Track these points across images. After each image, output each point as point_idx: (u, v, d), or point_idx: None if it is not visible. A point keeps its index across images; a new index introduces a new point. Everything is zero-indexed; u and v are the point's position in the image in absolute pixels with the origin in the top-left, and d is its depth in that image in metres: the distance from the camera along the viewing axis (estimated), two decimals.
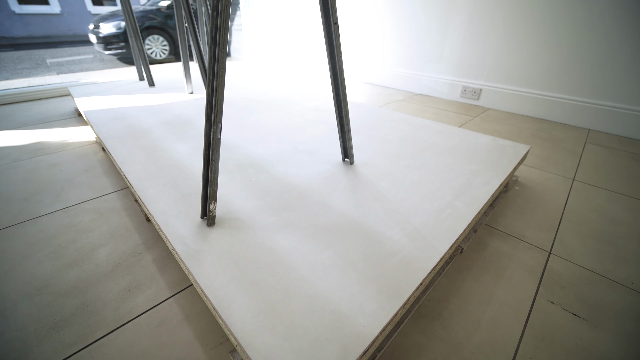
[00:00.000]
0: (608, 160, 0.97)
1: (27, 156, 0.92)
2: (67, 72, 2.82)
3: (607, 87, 1.18)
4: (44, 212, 0.66)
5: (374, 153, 0.72)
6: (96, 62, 3.42)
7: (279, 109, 1.03)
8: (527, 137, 1.13)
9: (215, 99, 0.38)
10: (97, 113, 0.98)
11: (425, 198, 0.54)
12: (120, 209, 0.67)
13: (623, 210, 0.71)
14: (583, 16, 1.15)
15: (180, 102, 1.11)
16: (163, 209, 0.50)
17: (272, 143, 0.76)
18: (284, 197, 0.53)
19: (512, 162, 0.68)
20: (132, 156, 0.68)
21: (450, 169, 0.64)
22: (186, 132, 0.83)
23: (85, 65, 3.13)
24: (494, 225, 0.64)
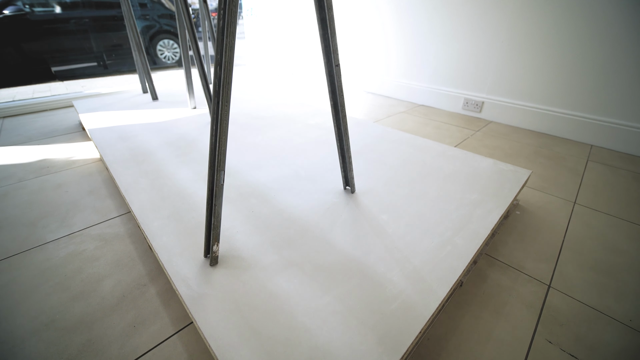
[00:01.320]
0: (610, 181, 0.96)
1: (33, 175, 0.93)
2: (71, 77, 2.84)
3: (609, 104, 1.17)
4: (50, 238, 0.67)
5: (375, 179, 0.72)
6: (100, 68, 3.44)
7: (281, 127, 1.04)
8: (529, 154, 1.13)
9: (218, 148, 0.39)
10: (101, 132, 0.99)
11: (425, 233, 0.54)
12: (124, 235, 0.68)
13: (624, 238, 0.71)
14: (586, 32, 1.15)
15: (183, 118, 1.12)
16: (167, 245, 0.51)
17: (274, 168, 0.77)
18: (286, 233, 0.54)
19: (513, 190, 0.69)
20: (136, 183, 0.69)
21: (450, 199, 0.64)
22: (189, 154, 0.83)
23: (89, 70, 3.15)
24: (494, 255, 0.65)
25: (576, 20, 1.16)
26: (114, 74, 2.98)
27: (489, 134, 1.33)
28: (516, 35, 1.31)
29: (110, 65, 3.13)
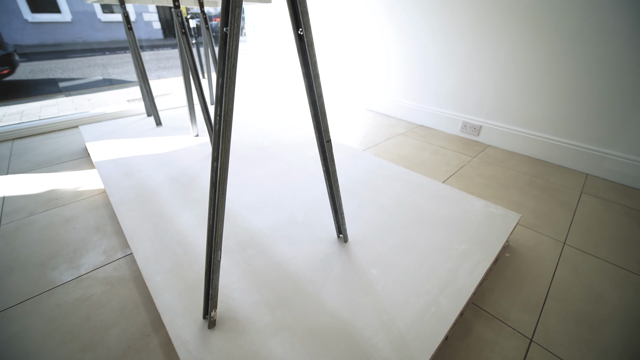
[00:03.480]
0: (602, 218, 0.98)
1: (42, 208, 0.97)
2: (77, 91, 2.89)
3: (604, 135, 1.18)
4: (59, 281, 0.71)
5: (368, 224, 0.75)
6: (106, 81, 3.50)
7: (280, 159, 1.07)
8: (524, 185, 1.15)
9: (215, 231, 0.42)
10: (107, 165, 1.03)
11: (412, 291, 0.57)
12: (129, 279, 0.72)
13: (609, 285, 0.73)
14: (583, 63, 1.16)
15: (185, 148, 1.15)
16: (169, 303, 0.54)
17: (271, 210, 0.80)
18: (281, 290, 0.57)
19: (501, 239, 0.71)
20: (141, 228, 0.73)
21: (439, 250, 0.67)
22: (191, 193, 0.87)
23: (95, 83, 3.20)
24: (481, 304, 0.67)
25: (573, 51, 1.17)
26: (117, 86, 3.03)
27: (485, 160, 1.34)
28: (513, 62, 1.32)
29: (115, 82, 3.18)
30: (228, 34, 0.32)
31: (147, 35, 6.41)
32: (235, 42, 0.33)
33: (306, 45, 0.39)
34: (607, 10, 1.07)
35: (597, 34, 1.11)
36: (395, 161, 1.31)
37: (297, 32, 0.39)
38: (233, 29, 0.32)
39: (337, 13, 1.97)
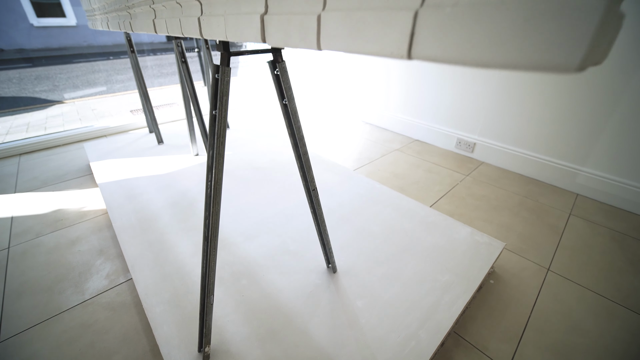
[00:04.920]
0: (587, 242, 1.01)
1: (49, 229, 1.02)
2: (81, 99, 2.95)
3: (594, 157, 1.21)
4: (65, 306, 0.76)
5: (357, 253, 0.79)
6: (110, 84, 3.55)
7: (276, 181, 1.11)
8: (513, 206, 1.18)
9: (208, 278, 0.46)
10: (110, 187, 1.07)
11: (394, 324, 0.61)
12: (130, 304, 0.76)
13: (588, 314, 0.76)
14: (574, 86, 1.19)
15: (185, 169, 1.20)
16: (167, 335, 0.58)
17: (265, 237, 0.84)
18: (271, 322, 0.61)
19: (483, 270, 0.74)
20: (142, 257, 0.77)
21: (423, 281, 0.71)
22: (190, 219, 0.91)
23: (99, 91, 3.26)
24: (462, 333, 0.71)
25: (562, 77, 1.19)
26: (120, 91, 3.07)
27: (478, 178, 1.37)
28: (506, 84, 1.35)
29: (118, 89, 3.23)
30: (217, 116, 0.36)
31: (149, 39, 6.47)
32: (223, 124, 0.36)
33: (290, 114, 0.43)
34: None
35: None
36: (390, 180, 1.34)
37: (282, 102, 0.42)
38: (221, 113, 0.36)
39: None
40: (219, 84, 0.35)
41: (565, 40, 0.09)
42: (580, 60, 0.09)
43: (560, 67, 0.09)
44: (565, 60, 0.09)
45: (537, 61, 0.10)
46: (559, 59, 0.10)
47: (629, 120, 1.11)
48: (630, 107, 1.10)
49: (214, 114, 0.37)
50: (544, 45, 0.10)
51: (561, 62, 0.09)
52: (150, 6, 0.45)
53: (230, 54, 0.35)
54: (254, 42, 0.24)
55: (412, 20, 0.13)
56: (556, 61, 0.10)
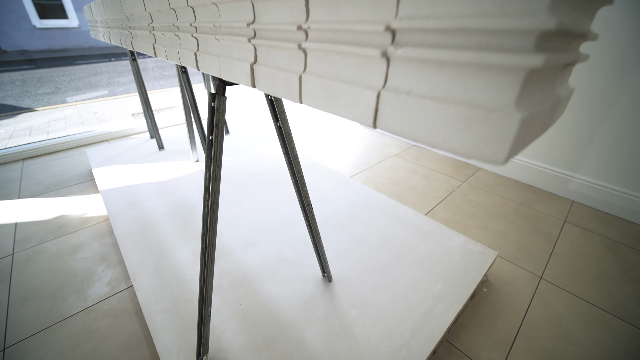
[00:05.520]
0: (581, 250, 1.02)
1: (52, 236, 1.04)
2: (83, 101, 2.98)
3: (590, 165, 1.22)
4: (69, 313, 0.78)
5: (352, 262, 0.80)
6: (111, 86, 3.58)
7: (274, 189, 1.13)
8: (509, 213, 1.20)
9: (205, 292, 0.48)
10: (111, 194, 1.10)
11: (386, 334, 0.63)
12: (131, 311, 0.78)
13: (578, 322, 0.78)
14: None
15: (186, 176, 1.22)
16: (166, 344, 0.60)
17: (262, 246, 0.86)
18: (267, 331, 0.63)
19: (475, 279, 0.76)
20: (142, 265, 0.79)
21: (416, 290, 0.72)
22: (189, 227, 0.93)
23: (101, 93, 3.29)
24: (454, 341, 0.72)
25: None
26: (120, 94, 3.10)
27: (475, 185, 1.39)
28: None
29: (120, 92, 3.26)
30: (213, 141, 0.38)
31: None
32: (219, 148, 0.38)
33: (284, 135, 0.45)
34: (592, 50, 1.11)
35: (587, 65, 1.15)
36: (387, 186, 1.36)
37: (277, 124, 0.44)
38: (217, 139, 0.38)
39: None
40: (214, 111, 0.37)
41: (492, 141, 0.11)
42: (504, 159, 0.11)
43: (490, 161, 0.11)
44: (493, 156, 0.11)
45: (473, 153, 0.12)
46: (488, 155, 0.11)
47: (623, 128, 1.12)
48: (622, 116, 1.11)
49: (210, 139, 0.39)
50: (476, 141, 0.12)
51: (490, 158, 0.11)
52: (150, 32, 0.46)
53: (225, 84, 0.37)
54: (244, 85, 0.26)
55: (375, 99, 0.15)
56: (486, 156, 0.11)
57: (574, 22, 0.11)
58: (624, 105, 1.10)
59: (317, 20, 0.17)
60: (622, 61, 1.07)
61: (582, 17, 0.13)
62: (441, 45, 0.12)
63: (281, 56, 0.21)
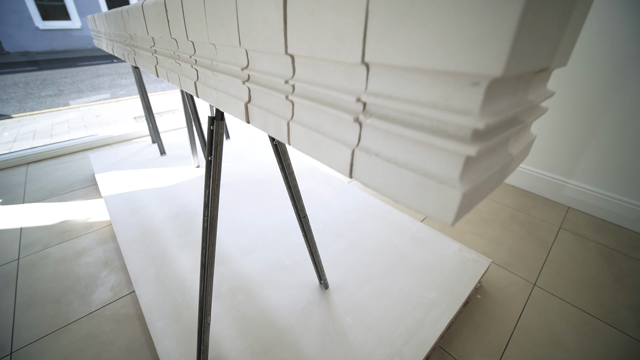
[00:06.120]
0: (575, 256, 1.04)
1: (56, 241, 1.07)
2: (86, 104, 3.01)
3: (585, 171, 1.24)
4: (73, 318, 0.80)
5: (349, 270, 0.82)
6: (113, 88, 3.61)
7: (273, 195, 1.15)
8: (505, 219, 1.21)
9: (205, 301, 0.50)
10: (114, 201, 1.12)
11: (380, 340, 0.65)
12: (134, 316, 0.80)
13: (570, 329, 0.80)
14: (566, 101, 1.21)
15: (187, 181, 1.24)
16: (168, 350, 0.62)
17: (261, 253, 0.88)
18: (265, 338, 0.65)
19: (469, 286, 0.78)
20: (145, 272, 0.81)
21: (410, 299, 0.74)
22: (190, 234, 0.95)
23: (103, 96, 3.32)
24: (447, 347, 0.74)
25: (555, 88, 1.22)
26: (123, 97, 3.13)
27: None
28: None
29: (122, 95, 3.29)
30: (212, 161, 0.40)
31: None
32: (218, 169, 0.40)
33: (280, 153, 0.47)
34: (587, 55, 1.13)
35: (583, 73, 1.16)
36: None
37: (273, 143, 0.46)
38: (216, 160, 0.40)
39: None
40: (214, 135, 0.39)
41: (441, 207, 0.13)
42: (451, 222, 0.13)
43: (441, 222, 0.13)
44: (443, 219, 0.13)
45: (427, 213, 0.14)
46: (439, 218, 0.13)
47: (617, 135, 1.13)
48: (617, 123, 1.13)
49: (209, 160, 0.41)
50: (429, 205, 0.13)
51: (441, 220, 0.13)
52: (152, 54, 0.48)
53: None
54: (240, 119, 0.28)
55: (350, 155, 0.17)
56: (438, 218, 0.13)
57: (515, 105, 0.13)
58: (618, 112, 1.12)
59: (301, 79, 0.19)
60: (616, 69, 1.08)
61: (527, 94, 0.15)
62: (400, 122, 0.14)
63: (272, 101, 0.23)
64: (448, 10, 0.10)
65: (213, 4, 0.25)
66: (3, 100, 3.22)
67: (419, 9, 0.11)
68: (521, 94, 0.14)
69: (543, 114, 0.18)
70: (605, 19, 1.07)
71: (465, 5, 0.10)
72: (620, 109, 1.12)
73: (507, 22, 0.09)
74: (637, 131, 1.10)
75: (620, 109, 1.12)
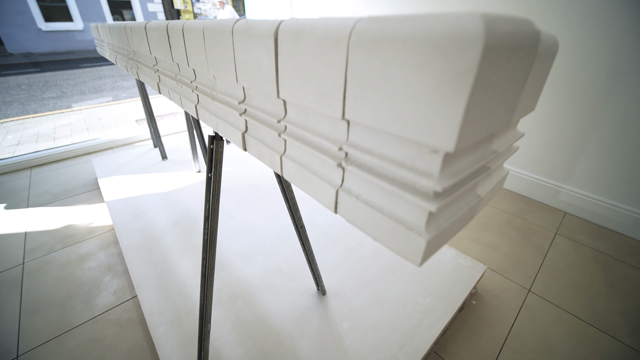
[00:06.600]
0: (570, 262, 1.05)
1: (60, 245, 1.09)
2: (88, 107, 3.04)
3: (580, 176, 1.25)
4: (77, 322, 0.82)
5: (346, 275, 0.84)
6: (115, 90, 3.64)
7: (273, 200, 1.17)
8: (501, 225, 1.23)
9: (205, 310, 0.52)
10: (117, 206, 1.14)
11: (376, 346, 0.66)
12: (136, 321, 0.82)
13: (562, 336, 0.81)
14: (559, 108, 1.23)
15: (188, 186, 1.26)
16: (169, 354, 0.64)
17: (261, 258, 0.90)
18: (263, 343, 0.67)
19: (464, 293, 0.79)
20: (147, 277, 0.83)
21: (405, 304, 0.76)
22: (191, 239, 0.97)
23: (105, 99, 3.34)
24: (442, 352, 0.76)
25: (552, 95, 1.23)
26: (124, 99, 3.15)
27: None
28: None
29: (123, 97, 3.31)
30: (212, 178, 0.42)
31: None
32: (218, 185, 0.42)
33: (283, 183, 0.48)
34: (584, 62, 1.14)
35: (579, 79, 1.17)
36: None
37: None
38: (216, 177, 0.42)
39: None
40: (214, 153, 0.40)
41: (410, 250, 0.15)
42: (419, 264, 0.14)
43: (411, 262, 0.15)
44: (412, 260, 0.15)
45: (400, 253, 0.16)
46: (409, 258, 0.15)
47: (613, 141, 1.15)
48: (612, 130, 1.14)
49: (209, 176, 0.42)
50: (401, 246, 0.15)
51: (410, 260, 0.15)
52: (155, 72, 0.50)
53: None
54: (237, 146, 0.29)
55: (335, 194, 0.19)
56: (408, 258, 0.15)
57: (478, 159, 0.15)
58: (614, 118, 1.13)
59: (291, 121, 0.21)
60: (612, 76, 1.10)
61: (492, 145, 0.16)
62: (376, 173, 0.15)
63: (267, 135, 0.25)
64: (409, 90, 0.12)
65: (212, 41, 0.26)
66: (6, 103, 3.25)
67: (385, 83, 0.13)
68: (485, 147, 0.16)
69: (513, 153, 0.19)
70: (601, 24, 1.08)
71: (421, 90, 0.11)
72: (616, 115, 1.13)
73: (455, 109, 0.11)
74: (633, 137, 1.12)
75: (616, 115, 1.14)
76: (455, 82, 0.10)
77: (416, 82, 0.11)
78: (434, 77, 0.11)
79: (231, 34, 0.23)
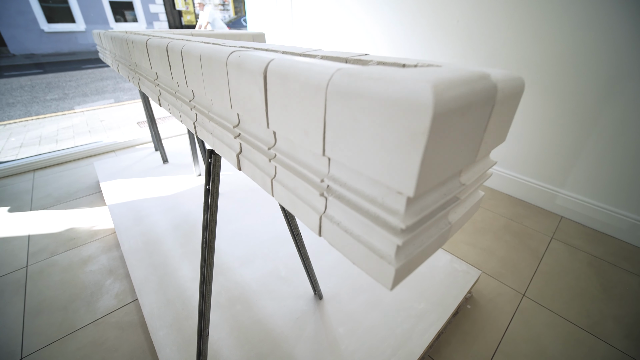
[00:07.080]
0: (565, 267, 1.06)
1: (62, 248, 1.11)
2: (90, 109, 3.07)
3: (576, 180, 1.26)
4: (79, 325, 0.84)
5: (343, 280, 0.86)
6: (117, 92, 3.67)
7: (272, 205, 1.19)
8: (498, 229, 1.24)
9: (204, 315, 0.53)
10: (118, 210, 1.16)
11: (370, 350, 0.68)
12: (137, 324, 0.84)
13: (555, 341, 0.82)
14: (555, 113, 1.24)
15: (188, 190, 1.28)
16: (169, 357, 0.66)
17: (260, 263, 0.91)
18: (260, 347, 0.68)
19: (457, 298, 0.81)
20: (147, 281, 0.85)
21: (400, 310, 0.77)
22: (190, 243, 0.99)
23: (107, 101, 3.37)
24: (436, 357, 0.77)
25: (549, 100, 1.25)
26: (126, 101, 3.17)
27: None
28: None
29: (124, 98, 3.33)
30: (210, 190, 0.44)
31: None
32: (215, 197, 0.44)
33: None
34: (579, 68, 1.15)
35: (575, 84, 1.19)
36: None
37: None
38: (214, 189, 0.43)
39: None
40: (211, 167, 0.42)
41: (383, 275, 0.16)
42: (390, 288, 0.16)
43: (384, 286, 0.16)
44: (385, 284, 0.16)
45: (375, 278, 0.17)
46: (382, 282, 0.17)
47: (609, 146, 1.16)
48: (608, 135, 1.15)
49: (207, 189, 0.44)
50: (375, 271, 0.17)
51: (384, 284, 0.16)
52: (155, 86, 0.52)
53: None
54: (233, 165, 0.31)
55: (319, 219, 0.20)
56: (382, 283, 0.17)
57: (445, 193, 0.17)
58: (610, 123, 1.14)
59: (280, 150, 0.22)
60: (608, 81, 1.11)
61: (460, 178, 0.18)
62: (352, 205, 0.17)
63: (259, 158, 0.26)
64: (376, 138, 0.14)
65: (208, 68, 0.28)
66: (10, 104, 3.28)
67: (357, 129, 0.14)
68: (452, 181, 0.17)
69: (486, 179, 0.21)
70: (599, 29, 1.09)
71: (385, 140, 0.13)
72: (613, 120, 1.14)
73: (412, 162, 0.12)
74: (629, 142, 1.13)
75: (613, 120, 1.15)
76: (411, 140, 0.12)
77: (381, 133, 0.13)
78: (395, 132, 0.12)
79: (225, 65, 0.25)
